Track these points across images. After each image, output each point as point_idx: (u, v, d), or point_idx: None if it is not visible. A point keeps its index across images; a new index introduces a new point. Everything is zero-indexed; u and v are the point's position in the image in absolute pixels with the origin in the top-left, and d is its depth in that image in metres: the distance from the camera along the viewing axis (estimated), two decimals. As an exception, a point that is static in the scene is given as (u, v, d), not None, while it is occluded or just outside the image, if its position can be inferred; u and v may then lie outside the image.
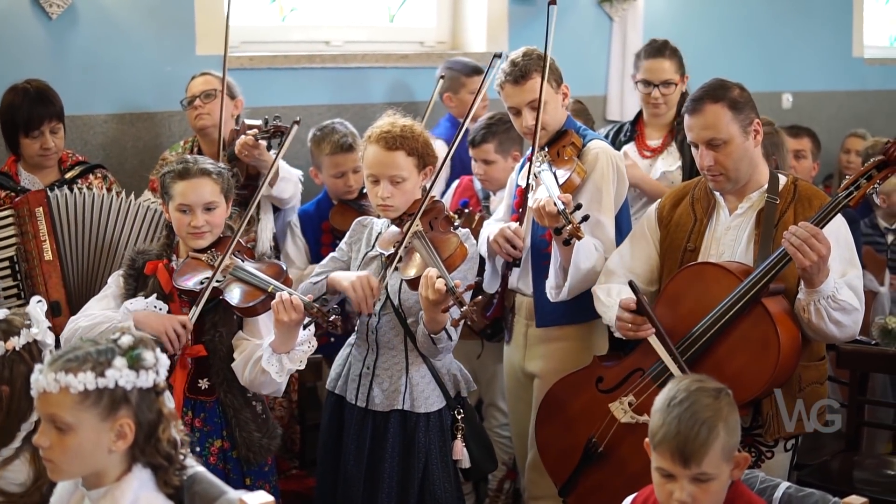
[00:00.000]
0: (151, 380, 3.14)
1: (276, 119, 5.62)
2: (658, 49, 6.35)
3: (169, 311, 4.58)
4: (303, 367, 4.52)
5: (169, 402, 3.25)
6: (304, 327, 4.42)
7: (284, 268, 4.71)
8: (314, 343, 4.53)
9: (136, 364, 3.11)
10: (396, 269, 4.57)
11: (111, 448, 3.11)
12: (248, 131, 5.65)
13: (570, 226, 4.43)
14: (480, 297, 4.99)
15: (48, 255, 5.27)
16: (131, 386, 3.10)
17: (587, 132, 5.29)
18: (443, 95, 7.02)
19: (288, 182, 5.90)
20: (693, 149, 4.72)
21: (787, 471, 4.63)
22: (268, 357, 4.41)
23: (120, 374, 3.08)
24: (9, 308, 5.07)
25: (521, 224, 5.18)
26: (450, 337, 4.51)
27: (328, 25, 7.61)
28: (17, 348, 3.65)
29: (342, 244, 4.97)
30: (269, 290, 4.46)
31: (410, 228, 4.53)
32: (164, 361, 3.21)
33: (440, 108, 7.09)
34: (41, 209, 5.27)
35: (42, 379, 3.08)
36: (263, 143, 5.64)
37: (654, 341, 4.49)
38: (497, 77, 5.21)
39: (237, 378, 4.57)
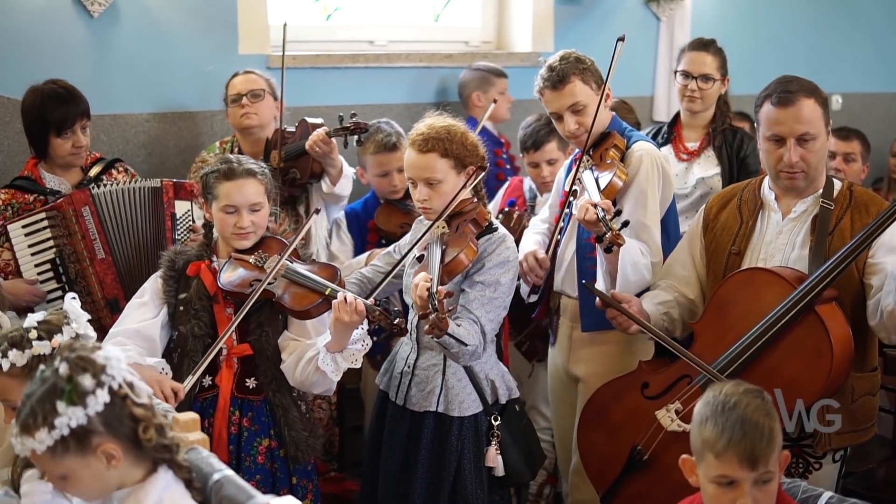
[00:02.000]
0: (102, 399, 3.04)
1: (353, 116, 5.61)
2: (703, 44, 6.32)
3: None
4: (358, 365, 4.53)
5: (139, 392, 3.13)
6: (370, 335, 4.47)
7: (339, 270, 4.69)
8: (368, 342, 4.54)
9: (78, 399, 3.01)
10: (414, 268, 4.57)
11: (110, 468, 3.09)
12: (319, 129, 5.68)
13: (610, 233, 4.37)
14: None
15: (101, 254, 5.30)
16: (86, 419, 3.02)
17: (632, 133, 5.21)
18: (472, 95, 7.02)
19: (347, 179, 5.97)
20: (771, 143, 4.56)
21: (835, 482, 4.55)
22: (323, 357, 4.41)
23: (69, 418, 3.00)
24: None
25: (548, 251, 5.23)
26: (462, 342, 4.38)
27: (372, 25, 7.60)
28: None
29: (403, 239, 4.97)
30: (327, 293, 4.45)
31: (429, 231, 4.52)
32: (116, 363, 3.09)
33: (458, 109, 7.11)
34: (88, 208, 5.28)
35: (17, 444, 3.06)
36: (334, 140, 5.67)
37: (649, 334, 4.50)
38: (536, 83, 5.15)
39: (285, 377, 4.59)
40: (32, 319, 3.65)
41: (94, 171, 5.56)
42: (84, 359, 3.07)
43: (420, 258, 4.53)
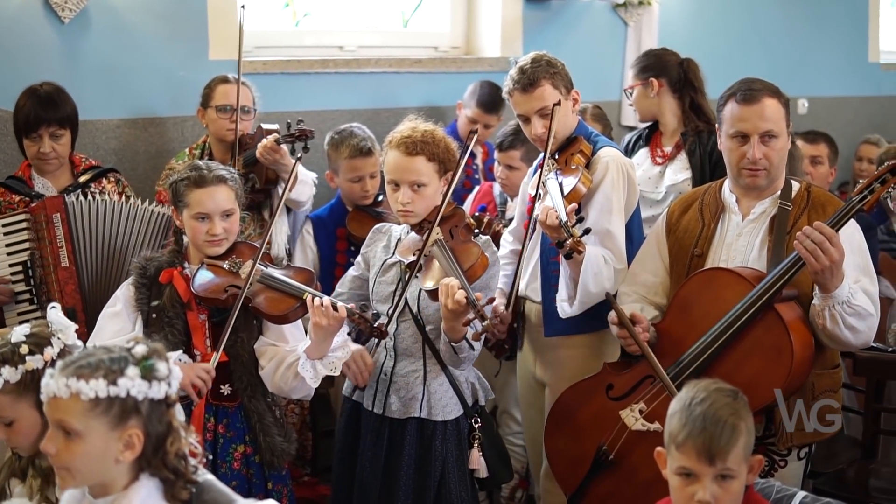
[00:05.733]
0: (163, 391, 3.09)
1: (300, 123, 5.61)
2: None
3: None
4: (337, 373, 4.51)
5: (180, 414, 3.20)
6: (356, 341, 4.45)
7: (314, 274, 4.71)
8: (348, 350, 4.53)
9: (148, 374, 3.06)
10: (416, 276, 4.55)
11: (118, 458, 3.06)
12: (269, 136, 5.67)
13: (570, 239, 4.37)
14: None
15: (65, 262, 5.27)
16: (143, 396, 3.05)
17: (599, 138, 5.20)
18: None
19: (305, 185, 5.93)
20: (733, 140, 4.63)
21: (800, 479, 4.59)
22: (303, 363, 4.41)
23: (132, 384, 3.03)
24: (19, 313, 5.08)
25: (510, 302, 5.12)
26: (471, 347, 4.47)
27: (342, 30, 7.61)
28: (55, 358, 3.58)
29: (359, 258, 4.95)
30: (304, 297, 4.44)
31: (430, 236, 4.51)
32: (177, 374, 3.16)
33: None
34: (59, 215, 5.26)
35: (53, 383, 3.03)
36: (284, 146, 5.66)
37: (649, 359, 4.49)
38: (505, 84, 5.14)
39: (261, 383, 4.58)
40: (19, 333, 3.64)
41: (83, 178, 5.58)
42: (160, 352, 3.13)
43: (411, 265, 4.53)
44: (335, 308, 4.35)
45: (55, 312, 3.72)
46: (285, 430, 4.73)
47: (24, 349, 3.58)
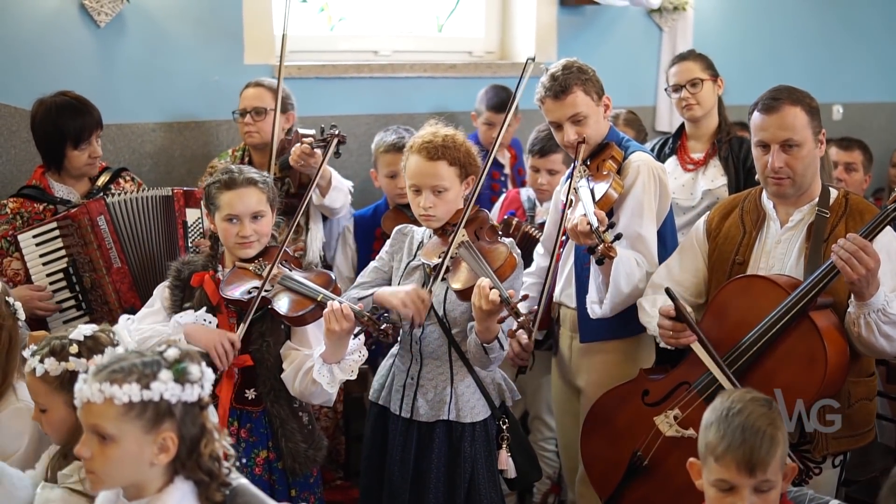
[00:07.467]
0: (196, 394, 3.11)
1: (333, 127, 5.63)
2: (682, 56, 6.42)
3: (217, 325, 4.58)
4: (354, 376, 4.49)
5: (213, 416, 3.22)
6: (355, 336, 4.41)
7: (333, 277, 4.69)
8: (365, 352, 4.51)
9: (181, 377, 3.08)
10: (444, 279, 4.55)
11: (153, 461, 3.09)
12: (304, 139, 5.67)
13: (602, 245, 4.36)
14: (536, 307, 4.97)
15: (117, 263, 5.31)
16: (176, 399, 3.07)
17: (630, 143, 5.18)
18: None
19: (339, 192, 5.94)
20: (758, 149, 4.64)
21: (834, 487, 4.58)
22: (318, 368, 4.40)
23: (165, 388, 3.05)
24: (65, 321, 5.11)
25: (535, 324, 5.03)
26: (502, 346, 4.47)
27: (376, 35, 7.63)
28: None
29: (382, 252, 4.95)
30: (319, 299, 4.44)
31: (456, 238, 4.52)
32: (210, 376, 3.18)
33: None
34: (103, 217, 5.29)
35: (86, 388, 3.06)
36: (319, 151, 5.64)
37: (699, 349, 4.44)
38: (537, 91, 5.14)
39: (284, 388, 4.57)
40: (81, 332, 3.66)
41: (101, 181, 5.57)
42: (193, 355, 3.16)
43: (436, 267, 4.54)
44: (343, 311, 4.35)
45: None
46: (313, 436, 4.72)
47: (74, 349, 3.61)
